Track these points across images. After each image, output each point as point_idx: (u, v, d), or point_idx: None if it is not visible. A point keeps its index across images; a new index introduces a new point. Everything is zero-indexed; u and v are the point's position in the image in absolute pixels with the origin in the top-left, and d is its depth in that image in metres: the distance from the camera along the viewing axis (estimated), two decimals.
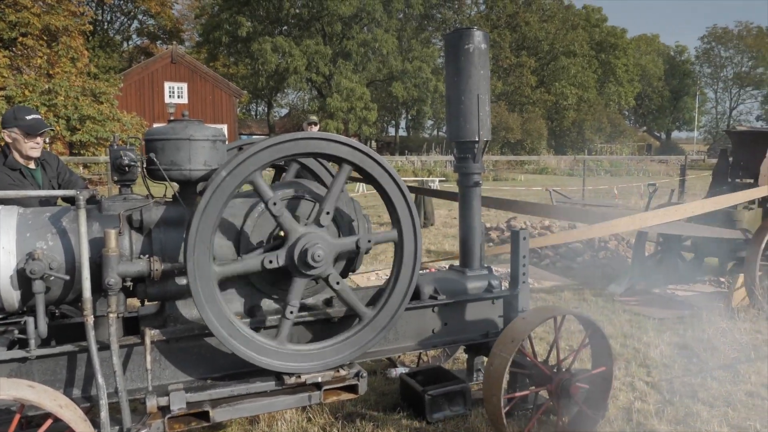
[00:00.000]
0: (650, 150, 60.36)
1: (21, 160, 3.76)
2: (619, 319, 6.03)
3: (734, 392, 4.22)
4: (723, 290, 7.05)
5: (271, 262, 2.77)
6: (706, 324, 5.71)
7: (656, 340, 5.28)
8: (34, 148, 3.76)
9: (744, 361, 4.81)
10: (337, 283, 2.91)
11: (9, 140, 3.73)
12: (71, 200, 3.08)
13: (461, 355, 4.77)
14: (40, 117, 3.85)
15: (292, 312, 2.84)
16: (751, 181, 7.17)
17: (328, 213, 2.85)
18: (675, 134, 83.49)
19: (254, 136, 46.10)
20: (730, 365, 4.73)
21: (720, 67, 77.67)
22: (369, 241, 2.95)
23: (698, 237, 7.29)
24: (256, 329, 2.94)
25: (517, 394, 3.46)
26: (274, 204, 2.73)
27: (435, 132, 62.90)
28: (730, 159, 7.58)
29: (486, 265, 3.88)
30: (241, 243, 2.94)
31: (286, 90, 53.52)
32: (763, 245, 5.98)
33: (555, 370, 3.42)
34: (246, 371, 2.96)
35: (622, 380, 4.44)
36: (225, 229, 2.92)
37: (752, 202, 6.94)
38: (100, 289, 2.66)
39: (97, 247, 2.68)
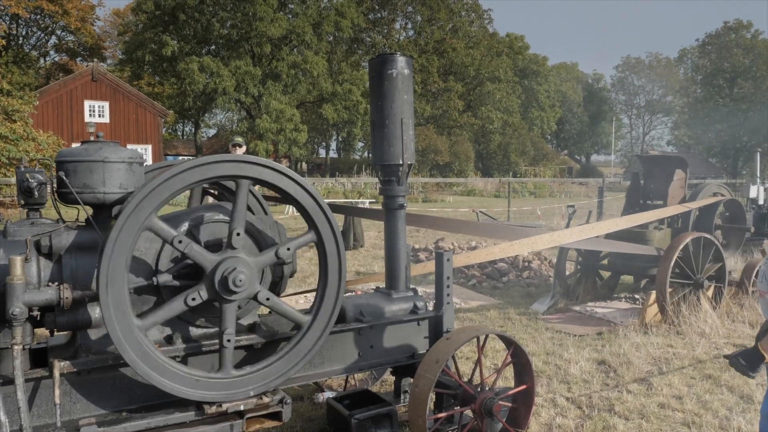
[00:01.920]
0: (571, 173, 63.12)
1: None
2: (542, 336, 6.22)
3: (648, 404, 4.42)
4: (637, 306, 7.40)
5: (194, 299, 2.69)
6: (622, 339, 5.97)
7: (576, 357, 5.47)
8: None
9: (657, 374, 5.06)
10: (267, 299, 2.86)
11: None
12: None
13: (389, 377, 4.77)
14: None
15: (229, 340, 2.76)
16: (661, 202, 7.62)
17: (238, 234, 2.77)
18: (594, 157, 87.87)
19: (180, 157, 44.98)
20: (644, 379, 4.96)
21: (633, 94, 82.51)
22: (288, 249, 2.88)
23: (614, 256, 7.66)
24: (175, 358, 2.84)
25: (442, 414, 3.49)
26: (180, 242, 2.63)
27: (365, 154, 63.36)
28: (642, 182, 8.04)
29: (411, 287, 3.91)
30: (159, 266, 2.84)
31: (214, 110, 52.61)
32: (672, 263, 6.33)
33: (479, 390, 3.48)
34: (164, 402, 2.84)
35: (544, 396, 4.57)
36: (142, 252, 2.82)
37: (662, 222, 7.37)
38: (4, 319, 2.50)
39: (2, 275, 2.52)
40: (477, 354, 3.54)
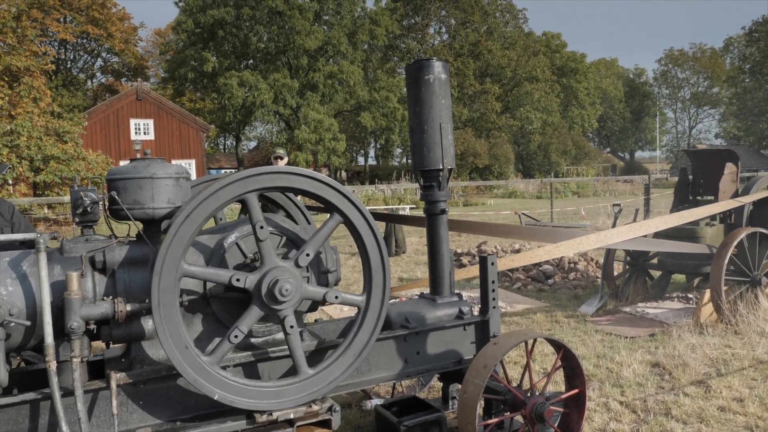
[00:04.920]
0: (615, 170, 61.75)
1: None
2: (592, 339, 6.08)
3: (707, 408, 4.27)
4: (691, 306, 7.17)
5: (238, 280, 2.73)
6: (676, 341, 5.78)
7: (629, 359, 5.33)
8: None
9: (715, 376, 4.89)
10: (291, 327, 2.85)
11: None
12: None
13: (437, 383, 4.74)
14: None
15: (236, 336, 2.74)
16: (712, 197, 7.38)
17: (308, 255, 2.84)
18: (638, 154, 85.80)
19: (223, 171, 45.90)
20: (702, 381, 4.79)
21: (677, 87, 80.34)
22: (336, 297, 2.93)
23: (664, 255, 7.44)
24: (225, 367, 2.89)
25: (492, 420, 3.45)
26: (261, 227, 2.72)
27: (404, 160, 63.40)
28: (690, 177, 7.80)
29: (456, 292, 3.89)
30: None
31: (254, 123, 53.55)
32: (726, 260, 6.12)
33: (529, 395, 3.43)
34: (216, 411, 2.89)
35: (596, 401, 4.46)
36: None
37: (714, 218, 7.13)
38: (63, 333, 2.59)
39: (59, 290, 2.62)
40: (525, 358, 3.49)
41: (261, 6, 42.89)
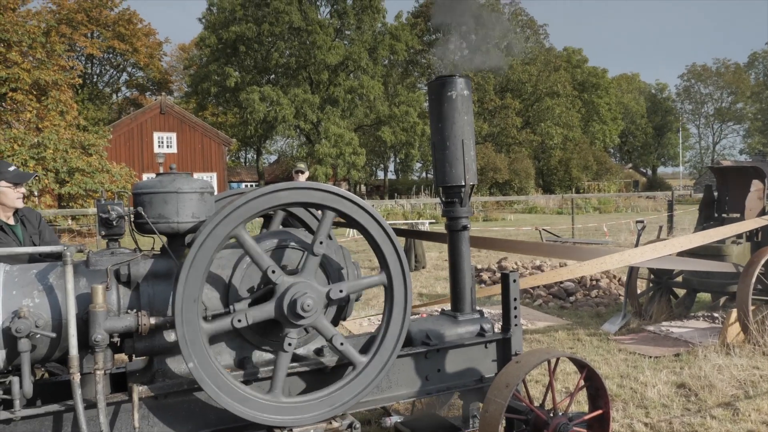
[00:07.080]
0: (637, 186, 61.06)
1: (2, 216, 3.74)
2: (615, 358, 5.98)
3: (735, 431, 4.17)
4: (717, 326, 7.03)
5: (274, 272, 2.75)
6: (702, 361, 5.67)
7: (653, 379, 5.23)
8: (19, 198, 3.79)
9: (743, 398, 4.77)
10: (289, 345, 2.84)
11: None
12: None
13: (457, 401, 4.69)
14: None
15: (240, 321, 2.74)
16: (738, 215, 7.25)
17: (341, 291, 2.86)
18: (661, 170, 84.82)
19: (243, 185, 46.30)
20: (729, 403, 4.68)
21: (701, 103, 79.47)
22: (341, 344, 2.90)
23: (689, 273, 7.32)
24: (247, 382, 2.89)
25: None
26: (321, 243, 2.81)
27: (424, 174, 63.43)
28: (716, 194, 7.68)
29: (478, 309, 3.85)
30: (230, 294, 2.91)
31: (274, 137, 54.05)
32: (753, 279, 6.00)
33: (551, 415, 3.37)
34: (237, 426, 2.89)
35: (620, 422, 4.38)
36: (214, 280, 2.90)
37: (740, 236, 7.00)
38: (87, 345, 2.61)
39: (84, 303, 2.64)
40: (547, 377, 3.44)
41: (280, 22, 43.47)
